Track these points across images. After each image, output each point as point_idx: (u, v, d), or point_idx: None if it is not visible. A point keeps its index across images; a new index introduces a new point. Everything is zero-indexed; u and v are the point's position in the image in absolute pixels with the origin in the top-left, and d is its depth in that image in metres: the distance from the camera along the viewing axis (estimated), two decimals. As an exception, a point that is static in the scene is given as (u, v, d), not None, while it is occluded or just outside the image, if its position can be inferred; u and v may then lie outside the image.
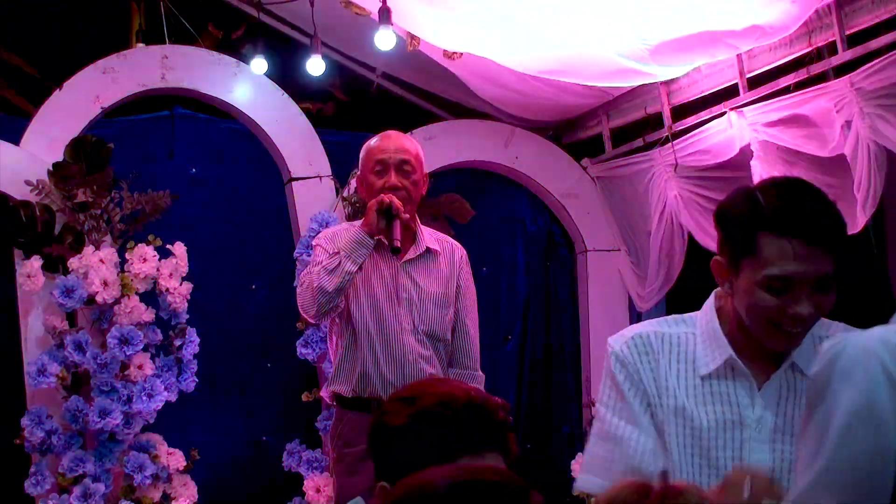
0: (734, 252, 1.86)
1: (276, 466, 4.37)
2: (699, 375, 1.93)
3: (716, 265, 1.91)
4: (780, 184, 1.89)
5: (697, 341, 1.96)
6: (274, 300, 4.56)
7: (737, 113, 3.92)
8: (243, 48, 4.88)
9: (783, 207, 1.79)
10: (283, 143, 4.52)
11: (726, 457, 1.90)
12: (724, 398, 1.93)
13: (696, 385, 1.94)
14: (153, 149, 4.56)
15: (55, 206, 4.03)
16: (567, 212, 4.95)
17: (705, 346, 1.95)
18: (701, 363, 1.94)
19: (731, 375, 1.93)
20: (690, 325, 1.99)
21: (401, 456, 1.64)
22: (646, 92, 4.44)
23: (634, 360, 1.96)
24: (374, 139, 3.55)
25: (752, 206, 1.82)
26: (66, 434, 3.90)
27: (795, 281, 1.79)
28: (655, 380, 1.95)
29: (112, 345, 3.90)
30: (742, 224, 1.83)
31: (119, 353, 3.90)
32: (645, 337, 1.98)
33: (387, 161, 3.43)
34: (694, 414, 1.92)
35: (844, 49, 3.46)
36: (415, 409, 1.67)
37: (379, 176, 3.43)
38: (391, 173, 3.42)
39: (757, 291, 1.82)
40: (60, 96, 4.22)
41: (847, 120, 3.40)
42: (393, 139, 3.53)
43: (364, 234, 3.31)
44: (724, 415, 1.91)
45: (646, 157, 4.53)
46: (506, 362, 4.96)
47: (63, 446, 3.89)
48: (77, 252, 3.98)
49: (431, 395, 1.69)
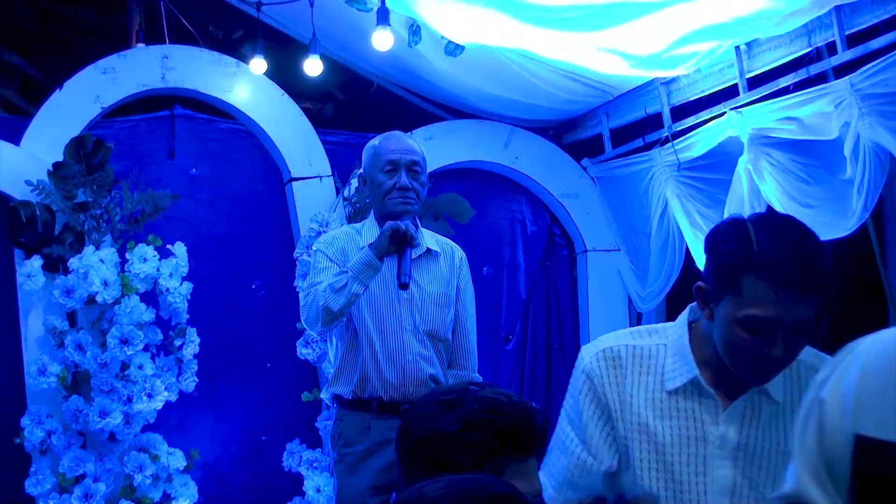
0: (718, 284, 1.85)
1: (277, 466, 4.38)
2: (666, 390, 1.95)
3: (699, 291, 1.90)
4: (772, 223, 1.85)
5: (668, 354, 1.98)
6: (274, 300, 4.56)
7: (736, 113, 3.92)
8: (243, 48, 4.89)
9: (773, 252, 1.78)
10: (283, 143, 4.52)
11: (689, 472, 1.92)
12: (689, 414, 1.94)
13: (663, 399, 1.95)
14: (153, 149, 4.56)
15: (55, 206, 4.03)
16: (567, 212, 4.95)
17: (674, 360, 1.96)
18: (669, 378, 1.96)
19: (697, 393, 1.95)
20: (662, 337, 2.00)
21: (444, 461, 1.61)
22: (646, 92, 4.45)
23: (601, 373, 1.98)
24: (381, 139, 3.52)
25: (741, 244, 1.80)
26: (66, 434, 3.91)
27: (774, 324, 1.79)
28: (620, 395, 1.97)
29: (112, 345, 3.90)
30: (729, 261, 1.82)
31: (119, 353, 3.91)
32: (616, 350, 1.99)
33: (398, 162, 3.42)
34: (657, 429, 1.93)
35: (844, 49, 3.45)
36: (463, 416, 1.65)
37: (389, 176, 3.42)
38: (402, 174, 3.41)
39: (734, 327, 1.82)
40: (61, 96, 4.22)
41: (846, 121, 3.40)
42: (403, 140, 3.52)
43: (373, 257, 3.29)
44: (688, 430, 1.93)
45: (646, 157, 4.53)
46: (506, 362, 4.96)
47: (63, 446, 3.89)
48: (77, 252, 3.99)
49: (476, 400, 1.68)
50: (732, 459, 1.92)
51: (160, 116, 4.59)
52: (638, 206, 4.68)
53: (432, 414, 1.67)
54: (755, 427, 1.94)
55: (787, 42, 3.68)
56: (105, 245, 4.04)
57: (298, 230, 4.45)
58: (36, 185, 4.00)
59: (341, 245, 3.45)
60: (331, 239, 3.52)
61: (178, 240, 4.12)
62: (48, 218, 4.02)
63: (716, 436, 1.92)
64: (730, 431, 1.92)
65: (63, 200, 4.03)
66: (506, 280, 5.03)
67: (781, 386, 1.93)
